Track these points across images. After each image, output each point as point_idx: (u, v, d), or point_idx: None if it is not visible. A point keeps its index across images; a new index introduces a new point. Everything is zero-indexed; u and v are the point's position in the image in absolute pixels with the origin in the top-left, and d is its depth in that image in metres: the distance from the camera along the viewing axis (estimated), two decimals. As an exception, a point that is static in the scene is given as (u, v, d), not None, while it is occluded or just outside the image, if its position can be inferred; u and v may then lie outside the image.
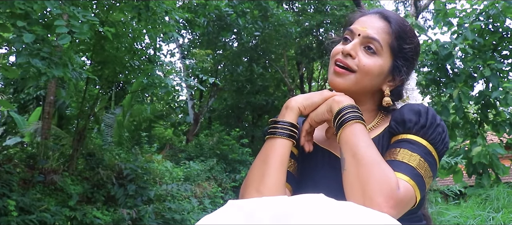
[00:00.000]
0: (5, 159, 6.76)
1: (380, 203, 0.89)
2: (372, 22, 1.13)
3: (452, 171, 6.37)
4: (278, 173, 1.03)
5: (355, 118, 1.01)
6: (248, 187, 1.04)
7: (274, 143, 1.06)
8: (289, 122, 1.08)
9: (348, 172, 0.96)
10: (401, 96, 1.19)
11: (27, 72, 5.28)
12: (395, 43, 1.12)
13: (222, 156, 11.52)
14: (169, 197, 8.03)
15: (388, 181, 0.91)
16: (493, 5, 6.31)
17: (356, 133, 0.99)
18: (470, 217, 4.50)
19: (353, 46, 1.10)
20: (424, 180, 0.99)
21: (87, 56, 7.75)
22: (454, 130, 6.83)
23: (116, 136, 10.21)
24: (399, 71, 1.13)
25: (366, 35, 1.11)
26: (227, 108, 15.86)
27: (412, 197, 0.95)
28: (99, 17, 6.53)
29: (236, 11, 11.19)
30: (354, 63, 1.10)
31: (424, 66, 7.17)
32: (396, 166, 0.98)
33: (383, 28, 1.12)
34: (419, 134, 1.04)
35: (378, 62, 1.10)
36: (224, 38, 12.15)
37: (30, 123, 8.91)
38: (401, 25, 1.13)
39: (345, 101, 1.05)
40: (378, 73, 1.10)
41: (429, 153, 1.02)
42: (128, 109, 10.84)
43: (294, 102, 1.10)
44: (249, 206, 0.71)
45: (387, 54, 1.11)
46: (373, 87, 1.13)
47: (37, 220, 5.73)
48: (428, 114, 1.06)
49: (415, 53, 1.16)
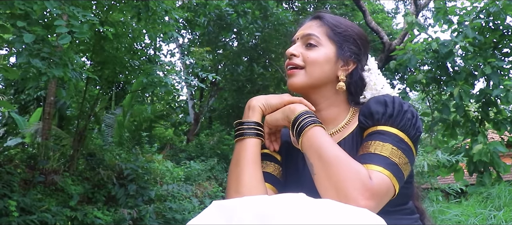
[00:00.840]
0: (6, 160, 6.77)
1: (356, 197, 0.90)
2: (306, 25, 1.22)
3: (453, 169, 6.36)
4: (252, 171, 1.06)
5: (312, 123, 1.04)
6: (228, 190, 1.08)
7: (243, 143, 1.10)
8: (254, 121, 1.12)
9: (318, 175, 0.98)
10: (363, 81, 1.21)
11: (28, 72, 5.28)
12: (330, 31, 1.18)
13: (223, 155, 11.52)
14: (170, 197, 8.03)
15: (358, 174, 0.92)
16: (494, 2, 6.30)
17: (317, 136, 1.02)
18: (471, 216, 4.50)
19: (294, 47, 1.19)
20: (400, 168, 0.99)
21: (87, 56, 7.76)
22: (455, 128, 6.82)
23: (116, 136, 10.21)
24: (344, 52, 1.17)
25: (302, 35, 1.19)
26: (227, 108, 15.85)
27: (389, 186, 0.95)
28: (99, 17, 6.54)
29: (236, 11, 11.19)
30: (299, 60, 1.17)
31: (425, 65, 7.16)
32: (369, 158, 0.99)
33: (316, 23, 1.20)
34: (388, 123, 1.05)
35: (321, 51, 1.16)
36: (224, 37, 12.14)
37: (31, 124, 8.91)
38: (332, 17, 1.22)
39: (299, 108, 1.09)
40: (325, 60, 1.16)
41: (401, 140, 1.03)
42: (129, 109, 10.84)
43: (255, 101, 1.16)
44: (231, 206, 0.72)
45: (327, 42, 1.17)
46: (329, 76, 1.17)
47: (38, 221, 5.74)
48: (394, 102, 1.07)
49: (353, 34, 1.20)
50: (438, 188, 6.08)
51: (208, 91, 14.85)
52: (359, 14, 14.60)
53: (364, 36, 1.24)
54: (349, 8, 15.09)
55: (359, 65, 1.20)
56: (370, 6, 16.71)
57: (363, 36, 1.23)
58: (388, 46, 12.33)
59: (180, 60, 14.00)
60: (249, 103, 1.16)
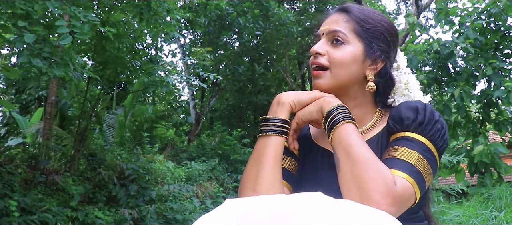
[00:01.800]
0: (6, 160, 6.77)
1: (378, 200, 0.88)
2: (331, 19, 1.16)
3: (454, 170, 6.35)
4: (273, 171, 1.03)
5: (345, 118, 1.01)
6: (244, 187, 1.04)
7: (267, 140, 1.06)
8: (281, 118, 1.08)
9: (343, 172, 0.96)
10: (393, 81, 1.17)
11: (29, 72, 5.29)
12: (358, 27, 1.12)
13: (224, 156, 11.51)
14: (171, 197, 8.03)
15: (384, 178, 0.90)
16: (495, 3, 6.30)
17: (348, 133, 0.99)
18: (472, 216, 4.49)
19: (320, 45, 1.13)
20: (423, 177, 0.97)
21: (89, 56, 7.76)
22: (456, 129, 6.82)
23: (117, 137, 10.22)
24: (373, 51, 1.11)
25: (328, 31, 1.13)
26: (228, 108, 15.85)
27: (411, 194, 0.94)
28: (100, 18, 6.54)
29: (236, 10, 11.19)
30: (325, 60, 1.11)
31: (426, 65, 7.15)
32: (394, 163, 0.97)
33: (342, 18, 1.14)
34: (417, 131, 1.02)
35: (348, 49, 1.10)
36: (225, 37, 12.14)
37: (32, 124, 8.92)
38: (360, 10, 1.15)
39: (335, 102, 1.05)
40: (352, 60, 1.10)
41: (428, 150, 1.01)
42: (130, 109, 10.85)
43: (285, 97, 1.10)
44: (247, 205, 0.70)
45: (355, 40, 1.11)
46: (356, 76, 1.12)
47: (39, 221, 5.74)
48: (426, 110, 1.05)
49: (382, 30, 1.14)
50: (439, 189, 6.07)
51: (209, 91, 14.85)
52: (361, 15, 14.57)
53: (394, 30, 1.17)
54: (350, 8, 15.05)
55: (388, 63, 1.14)
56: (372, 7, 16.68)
57: (393, 30, 1.17)
58: (389, 46, 12.31)
59: (181, 60, 14.00)
60: (279, 99, 1.10)
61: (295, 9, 15.22)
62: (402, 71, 1.19)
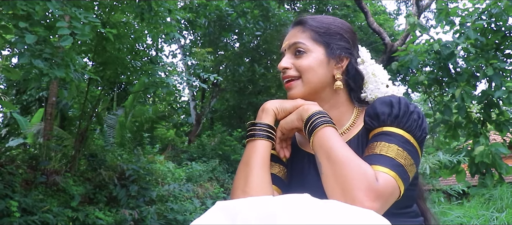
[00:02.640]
0: (7, 160, 6.77)
1: (361, 198, 0.89)
2: (289, 34, 1.23)
3: (455, 170, 6.35)
4: (261, 173, 1.07)
5: (324, 123, 1.04)
6: (235, 189, 1.08)
7: (254, 145, 1.11)
8: (267, 123, 1.13)
9: (325, 175, 0.98)
10: (361, 74, 1.22)
11: (29, 73, 5.29)
12: (314, 34, 1.18)
13: (224, 156, 11.51)
14: (171, 198, 8.03)
15: (364, 175, 0.92)
16: (496, 4, 6.30)
17: (327, 136, 1.02)
18: (473, 217, 4.49)
19: (284, 60, 1.19)
20: (405, 169, 0.99)
21: (89, 57, 7.76)
22: (457, 130, 6.81)
23: (118, 137, 10.22)
24: (334, 50, 1.17)
25: (288, 45, 1.20)
26: (229, 109, 15.85)
27: (394, 187, 0.95)
28: (101, 18, 6.54)
29: (237, 11, 11.19)
30: (293, 71, 1.17)
31: (426, 66, 7.15)
32: (374, 159, 0.99)
33: (298, 30, 1.20)
34: (394, 124, 1.05)
35: (311, 56, 1.16)
36: (225, 38, 12.14)
37: (33, 124, 8.92)
38: (312, 19, 1.21)
39: (313, 108, 1.09)
40: (318, 64, 1.16)
41: (406, 141, 1.03)
42: (130, 110, 10.85)
43: (269, 105, 1.16)
44: (235, 206, 0.72)
45: (314, 46, 1.17)
46: (325, 79, 1.17)
47: (40, 221, 5.74)
48: (400, 103, 1.07)
49: (337, 30, 1.20)
50: (440, 189, 6.08)
51: (209, 92, 14.84)
52: (361, 15, 14.59)
53: (349, 28, 1.23)
54: (351, 9, 15.09)
55: (352, 59, 1.20)
56: (372, 8, 16.70)
57: (348, 28, 1.23)
58: (390, 47, 12.33)
59: (181, 61, 14.00)
60: (263, 106, 1.17)
61: (295, 9, 15.23)
62: (367, 64, 1.24)
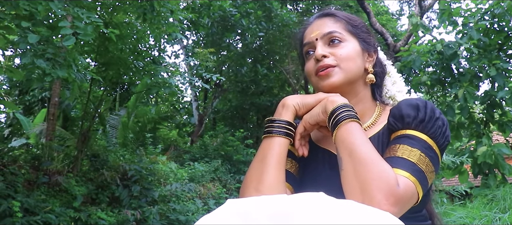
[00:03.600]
0: (10, 160, 6.79)
1: (380, 200, 0.87)
2: (318, 24, 1.19)
3: (458, 171, 6.32)
4: (276, 171, 1.03)
5: (349, 117, 1.01)
6: (247, 186, 1.04)
7: (271, 141, 1.07)
8: (286, 120, 1.09)
9: (346, 172, 0.95)
10: (384, 70, 1.23)
11: (32, 73, 5.30)
12: (348, 26, 1.18)
13: (227, 157, 11.50)
14: (174, 198, 8.03)
15: (387, 178, 0.90)
16: (499, 4, 6.27)
17: (352, 132, 0.98)
18: (476, 218, 4.47)
19: (321, 48, 1.14)
20: (425, 176, 0.97)
21: (92, 57, 7.77)
22: (460, 130, 6.78)
23: (120, 137, 10.23)
24: (368, 44, 1.18)
25: (323, 34, 1.16)
26: (231, 109, 15.85)
27: (414, 193, 0.94)
28: (103, 19, 6.55)
29: (240, 11, 11.19)
30: (332, 60, 1.12)
31: (429, 66, 7.13)
32: (396, 162, 0.96)
33: (330, 20, 1.19)
34: (419, 128, 1.03)
35: (350, 45, 1.15)
36: (228, 39, 12.15)
37: (35, 125, 8.94)
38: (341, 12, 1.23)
39: (339, 100, 1.05)
40: (356, 54, 1.15)
41: (429, 148, 1.01)
42: (133, 110, 10.86)
43: (290, 100, 1.12)
44: (247, 205, 0.69)
45: (349, 37, 1.16)
46: (360, 71, 1.15)
47: (42, 221, 5.75)
48: (426, 108, 1.05)
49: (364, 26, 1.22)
50: (442, 190, 6.07)
51: (212, 92, 14.85)
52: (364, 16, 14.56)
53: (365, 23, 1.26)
54: (353, 9, 15.07)
55: (378, 54, 1.22)
56: (375, 8, 16.69)
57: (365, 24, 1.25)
58: (392, 47, 12.31)
59: (184, 62, 14.02)
60: (284, 101, 1.13)
61: (298, 10, 15.23)
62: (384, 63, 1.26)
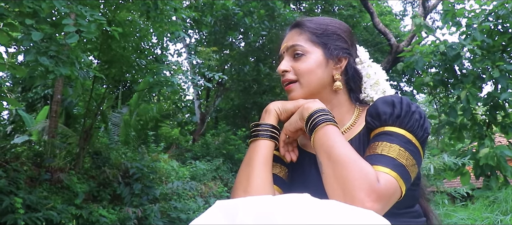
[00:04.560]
0: (12, 157, 6.81)
1: (362, 199, 0.88)
2: (287, 37, 1.23)
3: (460, 173, 6.31)
4: (263, 173, 1.06)
5: (325, 121, 1.03)
6: (236, 189, 1.07)
7: (257, 145, 1.11)
8: (270, 124, 1.14)
9: (326, 175, 0.97)
10: (359, 74, 1.22)
11: (35, 70, 5.31)
12: (311, 36, 1.18)
13: (228, 156, 11.51)
14: (175, 196, 8.05)
15: (366, 176, 0.91)
16: (503, 5, 6.25)
17: (328, 135, 1.01)
18: (477, 220, 4.46)
19: (283, 64, 1.19)
20: (407, 170, 0.98)
21: (94, 55, 7.79)
22: (462, 132, 6.77)
23: (122, 135, 10.25)
24: (332, 51, 1.17)
25: (286, 48, 1.20)
26: (233, 108, 15.86)
27: (396, 188, 0.94)
28: (106, 17, 6.56)
29: (242, 10, 11.19)
30: (292, 74, 1.18)
31: (432, 67, 7.11)
32: (376, 159, 0.97)
33: (296, 32, 1.21)
34: (396, 124, 1.04)
35: (310, 58, 1.16)
36: (230, 37, 12.15)
37: (38, 122, 8.96)
38: (309, 20, 1.22)
39: (314, 106, 1.07)
40: (316, 66, 1.16)
41: (408, 142, 1.01)
42: (135, 108, 10.88)
43: (271, 106, 1.17)
44: (233, 206, 0.71)
45: (312, 48, 1.17)
46: (324, 80, 1.17)
47: (43, 218, 5.76)
48: (402, 103, 1.06)
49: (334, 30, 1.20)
50: (444, 191, 6.05)
51: (214, 91, 14.86)
52: (367, 16, 14.55)
53: (347, 28, 1.24)
54: (357, 9, 15.05)
55: (350, 59, 1.20)
56: (378, 8, 16.66)
57: (346, 29, 1.23)
58: (395, 48, 12.29)
59: (187, 60, 14.02)
60: (267, 107, 1.17)
61: (301, 9, 15.22)
62: (364, 64, 1.24)
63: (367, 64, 1.24)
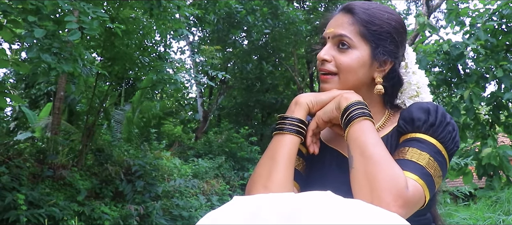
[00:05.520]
0: (15, 154, 6.83)
1: (389, 202, 0.87)
2: (336, 20, 1.13)
3: (462, 172, 6.30)
4: (286, 170, 1.01)
5: (363, 115, 0.99)
6: (255, 183, 1.02)
7: (282, 139, 1.05)
8: (298, 118, 1.06)
9: (356, 170, 0.94)
10: (401, 81, 1.15)
11: (38, 67, 5.32)
12: (363, 30, 1.09)
13: (231, 154, 11.51)
14: (177, 194, 8.05)
15: (397, 180, 0.89)
16: (507, 5, 6.22)
17: (364, 130, 0.98)
18: (479, 219, 4.46)
19: (326, 51, 1.11)
20: (433, 180, 0.97)
21: (97, 52, 7.80)
22: (465, 131, 6.75)
23: (125, 132, 10.26)
24: (380, 54, 1.09)
25: (333, 35, 1.11)
26: (236, 106, 15.86)
27: (421, 196, 0.93)
28: (109, 14, 6.56)
29: (246, 8, 11.19)
30: (332, 66, 1.10)
31: (435, 66, 7.09)
32: (405, 165, 0.96)
33: (347, 21, 1.10)
34: (428, 132, 1.01)
35: (355, 55, 1.08)
36: (234, 35, 12.15)
37: (41, 118, 8.98)
38: (364, 10, 1.11)
39: (353, 97, 1.03)
40: (360, 65, 1.09)
41: (438, 152, 1.00)
42: (138, 105, 10.89)
43: (303, 98, 1.09)
44: (255, 203, 0.69)
45: (361, 43, 1.09)
46: (364, 80, 1.11)
47: (46, 215, 5.78)
48: (437, 112, 1.03)
49: (390, 30, 1.10)
50: (446, 191, 6.04)
51: (217, 89, 14.87)
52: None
53: (403, 27, 1.14)
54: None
55: (396, 63, 1.13)
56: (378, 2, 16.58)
57: (402, 28, 1.13)
58: (398, 47, 12.24)
59: (190, 58, 14.02)
60: (297, 99, 1.10)
61: (304, 8, 15.19)
62: (410, 70, 1.17)
63: (412, 70, 1.17)
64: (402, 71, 1.16)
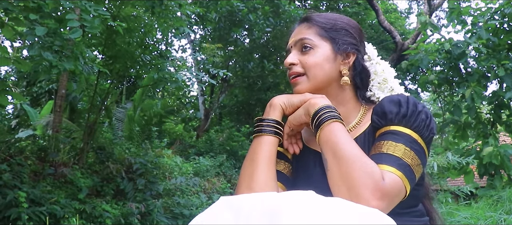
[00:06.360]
0: (16, 151, 6.84)
1: (367, 197, 0.89)
2: (296, 31, 1.22)
3: (463, 171, 6.29)
4: (267, 170, 1.05)
5: (331, 118, 1.02)
6: (240, 185, 1.06)
7: (260, 140, 1.10)
8: (274, 119, 1.12)
9: (331, 172, 0.97)
10: (367, 71, 1.21)
11: (39, 65, 5.33)
12: (320, 30, 1.17)
13: (232, 152, 11.52)
14: (178, 192, 8.06)
15: (372, 174, 0.91)
16: (509, 3, 6.22)
17: (334, 132, 1.00)
18: (481, 219, 4.45)
19: (290, 56, 1.18)
20: (412, 169, 0.98)
21: (99, 50, 7.80)
22: (466, 130, 6.75)
23: (126, 131, 10.27)
24: (340, 45, 1.16)
25: (294, 41, 1.19)
26: (237, 105, 15.86)
27: (401, 187, 0.94)
28: (111, 12, 6.56)
29: (247, 6, 11.18)
30: (299, 67, 1.16)
31: (437, 65, 7.09)
32: (381, 158, 0.98)
33: (305, 26, 1.20)
34: (402, 123, 1.04)
35: (318, 52, 1.15)
36: (235, 34, 12.14)
37: (42, 116, 9.00)
38: (318, 15, 1.21)
39: (320, 102, 1.07)
40: (324, 60, 1.15)
41: (414, 141, 1.02)
42: (139, 103, 10.90)
43: (276, 100, 1.15)
44: (239, 202, 0.71)
45: (321, 41, 1.16)
46: (331, 74, 1.16)
47: (47, 212, 5.79)
48: (408, 102, 1.05)
49: (343, 25, 1.19)
50: (447, 190, 6.03)
51: (218, 87, 14.86)
52: (372, 13, 14.50)
53: (356, 24, 1.23)
54: (362, 7, 15.00)
55: (359, 55, 1.19)
56: (383, 6, 16.60)
57: (355, 25, 1.22)
58: (400, 45, 12.24)
59: (191, 56, 14.03)
60: (271, 101, 1.15)
61: (305, 6, 15.18)
62: (373, 61, 1.23)
63: (376, 61, 1.23)
64: (366, 63, 1.22)
